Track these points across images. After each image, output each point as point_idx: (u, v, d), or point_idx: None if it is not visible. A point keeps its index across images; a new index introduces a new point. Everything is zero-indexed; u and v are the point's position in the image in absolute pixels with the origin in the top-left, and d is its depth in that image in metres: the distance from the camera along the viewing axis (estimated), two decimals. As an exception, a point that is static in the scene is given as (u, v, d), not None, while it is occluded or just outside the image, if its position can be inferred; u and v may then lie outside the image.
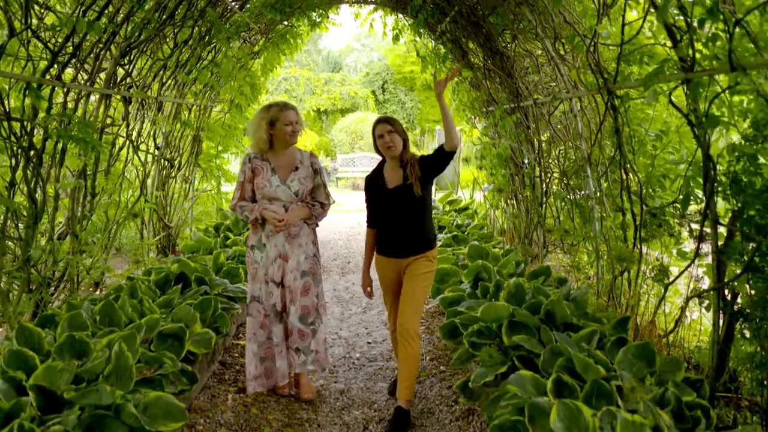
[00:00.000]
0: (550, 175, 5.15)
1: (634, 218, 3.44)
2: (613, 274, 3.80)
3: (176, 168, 5.84)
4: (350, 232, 8.69)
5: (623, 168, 3.51)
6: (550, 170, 5.13)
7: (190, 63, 5.03)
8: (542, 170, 5.18)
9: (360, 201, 9.69)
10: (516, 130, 5.30)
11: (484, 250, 4.47)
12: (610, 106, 3.45)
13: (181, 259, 4.11)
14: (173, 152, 5.70)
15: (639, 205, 3.39)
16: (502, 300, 3.16)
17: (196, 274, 3.76)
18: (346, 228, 8.95)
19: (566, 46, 3.82)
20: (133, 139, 4.64)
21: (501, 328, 2.89)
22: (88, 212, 4.04)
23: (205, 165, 6.52)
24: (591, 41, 3.22)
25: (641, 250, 3.55)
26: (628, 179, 3.52)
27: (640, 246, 3.50)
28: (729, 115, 2.63)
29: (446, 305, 3.72)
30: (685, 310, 3.23)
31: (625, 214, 3.63)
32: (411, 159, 3.04)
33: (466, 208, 7.39)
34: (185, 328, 2.84)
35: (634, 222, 3.44)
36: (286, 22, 6.56)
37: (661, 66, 2.51)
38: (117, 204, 4.43)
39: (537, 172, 5.28)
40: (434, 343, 4.14)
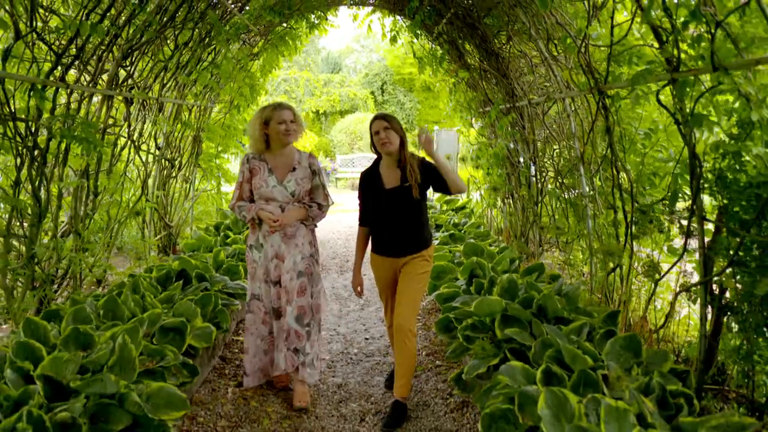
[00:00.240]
0: (545, 174, 5.23)
1: (626, 215, 3.51)
2: (606, 271, 3.88)
3: (177, 168, 5.92)
4: (349, 231, 8.77)
5: (614, 166, 3.58)
6: (545, 169, 5.21)
7: (191, 64, 5.11)
8: (537, 169, 5.27)
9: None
10: (512, 129, 5.37)
11: (479, 247, 4.55)
12: (601, 106, 3.52)
13: (182, 256, 4.19)
14: (174, 152, 5.78)
15: (630, 203, 3.46)
16: (496, 295, 3.23)
17: (196, 271, 3.83)
18: (345, 227, 9.04)
19: (559, 47, 3.90)
20: (135, 139, 4.72)
21: (494, 322, 2.97)
22: (90, 211, 4.11)
23: (205, 165, 6.60)
24: (582, 42, 3.29)
25: (632, 247, 3.63)
26: (619, 177, 3.60)
27: (631, 243, 3.57)
28: (715, 114, 2.71)
29: (442, 301, 3.80)
30: (675, 304, 3.31)
31: (616, 212, 3.70)
32: (411, 160, 3.01)
33: (463, 207, 7.47)
34: (186, 323, 2.92)
35: (626, 219, 3.51)
36: (285, 24, 6.64)
37: (648, 67, 2.58)
38: (119, 203, 4.51)
39: (532, 172, 5.37)
40: (430, 338, 4.21)
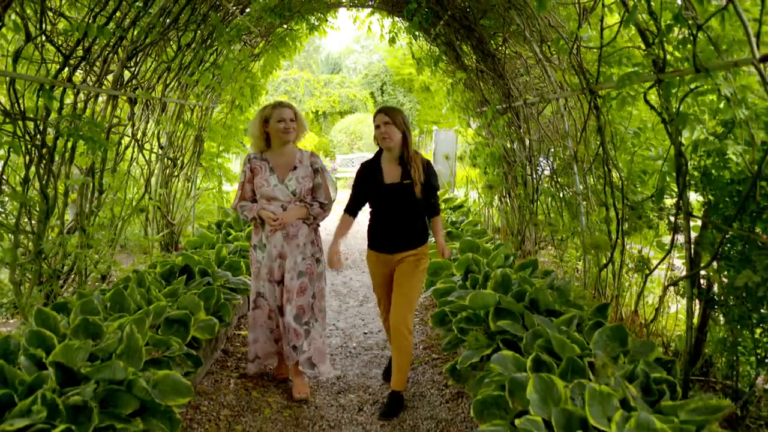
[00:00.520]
0: (540, 173, 5.33)
1: (617, 212, 3.61)
2: (599, 267, 3.98)
3: (179, 167, 6.02)
4: (348, 231, 8.87)
5: (606, 165, 3.69)
6: (541, 168, 5.31)
7: (193, 65, 5.22)
8: (533, 168, 5.37)
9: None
10: (508, 129, 5.47)
11: (475, 244, 4.65)
12: (593, 106, 3.62)
13: (185, 252, 4.29)
14: (176, 152, 5.88)
15: (621, 200, 3.56)
16: (490, 289, 3.33)
17: (199, 267, 3.94)
18: (345, 226, 9.14)
19: (552, 49, 4.00)
20: (139, 138, 4.82)
21: (488, 315, 3.07)
22: (95, 208, 4.21)
23: (206, 164, 6.71)
24: (573, 44, 3.40)
25: (623, 243, 3.73)
26: (610, 175, 3.70)
27: (622, 239, 3.67)
28: (700, 114, 2.81)
29: (438, 296, 3.90)
30: (664, 298, 3.41)
31: (608, 209, 3.80)
32: (415, 158, 2.99)
33: (461, 206, 7.57)
34: (190, 315, 3.02)
35: (617, 216, 3.61)
36: (285, 26, 6.74)
37: (634, 69, 2.68)
38: (122, 201, 4.61)
39: (528, 171, 5.47)
40: (427, 333, 4.31)
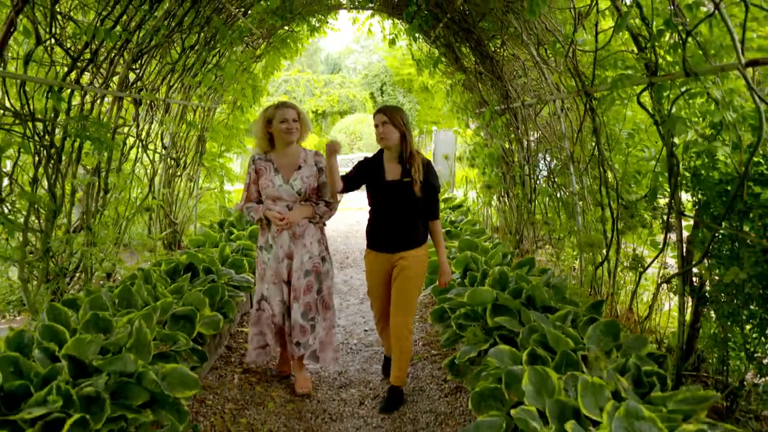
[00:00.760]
0: (538, 173, 5.41)
1: (612, 212, 3.70)
2: (594, 265, 4.07)
3: (182, 167, 6.10)
4: (348, 229, 8.96)
5: (602, 165, 3.77)
6: (538, 168, 5.40)
7: (196, 67, 5.30)
8: (531, 168, 5.45)
9: (359, 200, 9.92)
10: (506, 130, 5.56)
11: (474, 243, 4.73)
12: (588, 108, 3.71)
13: (190, 250, 4.37)
14: (179, 152, 5.96)
15: (616, 200, 3.65)
16: (488, 286, 3.41)
17: (203, 264, 4.02)
18: (345, 226, 9.22)
19: (549, 52, 4.09)
20: (143, 138, 4.91)
21: (485, 311, 3.15)
22: (100, 207, 4.29)
23: (208, 164, 6.79)
24: (569, 48, 3.48)
25: (619, 242, 3.81)
26: (606, 175, 3.79)
27: (617, 237, 3.76)
28: (691, 115, 2.89)
29: (437, 293, 3.98)
30: (657, 296, 3.50)
31: (604, 209, 3.88)
32: (416, 157, 3.00)
33: (460, 206, 7.66)
34: (196, 311, 3.10)
35: (612, 215, 3.70)
36: (286, 27, 6.83)
37: (626, 72, 2.77)
38: (127, 200, 4.69)
39: (526, 171, 5.55)
40: (426, 330, 4.40)
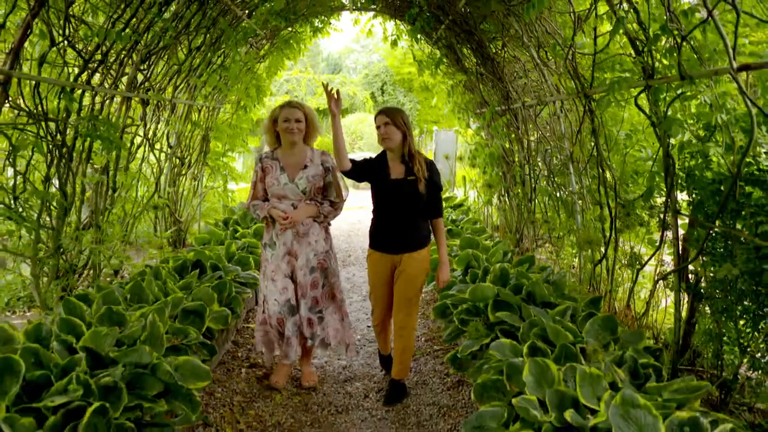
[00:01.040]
0: (538, 173, 5.50)
1: (610, 211, 3.79)
2: (593, 263, 4.16)
3: (186, 166, 6.19)
4: (350, 228, 9.05)
5: (600, 165, 3.86)
6: (538, 168, 5.48)
7: (201, 67, 5.39)
8: (531, 168, 5.54)
9: (360, 198, 10.00)
10: (507, 130, 5.65)
11: (475, 241, 4.82)
12: (587, 109, 3.80)
13: (197, 248, 4.45)
14: (184, 151, 6.05)
15: (614, 199, 3.74)
16: (489, 282, 3.50)
17: (211, 261, 4.10)
18: (347, 224, 9.31)
19: (549, 54, 4.17)
20: (150, 138, 4.99)
21: (487, 307, 3.24)
22: (108, 206, 4.38)
23: (212, 163, 6.87)
24: (569, 50, 3.57)
25: (617, 240, 3.90)
26: (604, 175, 3.87)
27: (615, 236, 3.85)
28: (686, 117, 2.98)
29: (439, 290, 4.07)
30: (654, 292, 3.59)
31: (602, 208, 3.97)
32: (418, 156, 3.04)
33: (460, 205, 7.74)
34: (205, 306, 3.19)
35: (611, 214, 3.79)
36: (290, 29, 6.91)
37: (623, 75, 2.86)
38: (134, 199, 4.78)
39: (526, 170, 5.64)
40: (428, 326, 4.49)
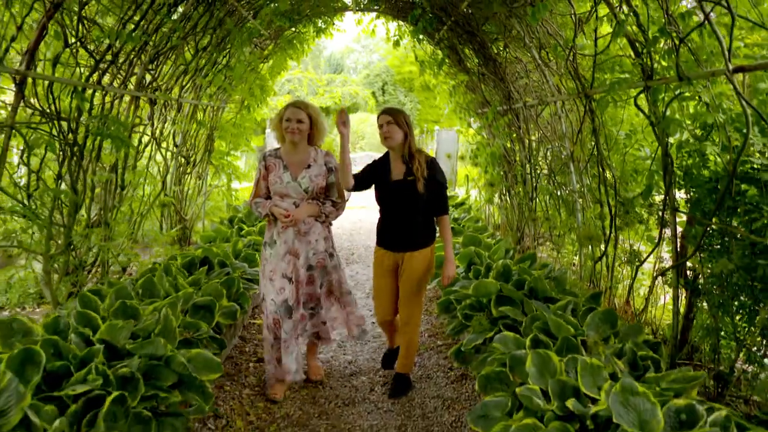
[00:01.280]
0: (539, 172, 5.57)
1: (610, 209, 3.86)
2: (593, 260, 4.23)
3: (191, 165, 6.26)
4: (353, 227, 9.12)
5: (600, 164, 3.94)
6: (539, 167, 5.56)
7: (207, 67, 5.46)
8: (532, 167, 5.61)
9: (362, 198, 10.08)
10: (508, 130, 5.72)
11: (477, 238, 4.90)
12: (588, 109, 3.88)
13: (204, 245, 4.53)
14: (189, 150, 6.12)
15: (614, 197, 3.82)
16: (492, 278, 3.58)
17: (218, 258, 4.18)
18: (350, 223, 9.38)
19: (550, 55, 4.25)
20: (157, 137, 5.07)
21: (490, 302, 3.32)
22: (117, 203, 4.46)
23: (216, 162, 6.95)
24: (570, 52, 3.64)
25: (617, 238, 3.98)
26: (604, 174, 3.95)
27: (615, 233, 3.93)
28: (684, 117, 3.06)
29: (442, 287, 4.14)
30: (653, 288, 3.67)
31: (602, 206, 4.05)
32: (418, 156, 3.07)
33: (462, 203, 7.82)
34: (215, 301, 3.26)
35: (610, 212, 3.86)
36: (293, 29, 6.99)
37: (622, 76, 2.94)
38: (141, 197, 4.85)
39: (528, 169, 5.71)
40: (432, 322, 4.57)
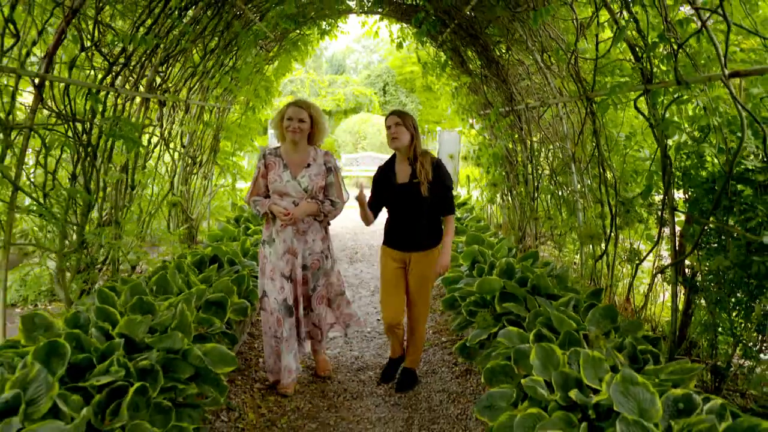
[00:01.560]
0: (541, 172, 5.67)
1: (611, 208, 3.96)
2: (594, 259, 4.33)
3: (198, 165, 6.36)
4: (356, 226, 9.22)
5: (601, 165, 4.03)
6: (541, 167, 5.66)
7: (214, 69, 5.56)
8: (534, 168, 5.71)
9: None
10: (510, 131, 5.82)
11: (480, 237, 4.99)
12: (589, 111, 3.97)
13: (214, 243, 4.62)
14: (196, 150, 6.22)
15: (615, 197, 3.91)
16: (495, 276, 3.67)
17: (227, 256, 4.27)
18: (353, 223, 9.47)
19: (552, 58, 4.34)
20: (166, 138, 5.16)
21: (494, 299, 3.41)
22: (127, 203, 4.55)
23: (222, 162, 7.05)
24: (571, 55, 3.74)
25: (617, 237, 4.07)
26: (605, 174, 4.04)
27: (616, 233, 4.02)
28: (683, 120, 3.15)
29: (447, 284, 4.24)
30: (653, 286, 3.77)
31: (603, 206, 4.14)
32: (423, 158, 3.13)
33: (464, 203, 7.91)
34: (227, 297, 3.36)
35: (611, 212, 3.96)
36: (298, 31, 7.08)
37: (623, 79, 3.03)
38: (150, 197, 4.95)
39: (529, 170, 5.81)
40: (436, 319, 4.67)
